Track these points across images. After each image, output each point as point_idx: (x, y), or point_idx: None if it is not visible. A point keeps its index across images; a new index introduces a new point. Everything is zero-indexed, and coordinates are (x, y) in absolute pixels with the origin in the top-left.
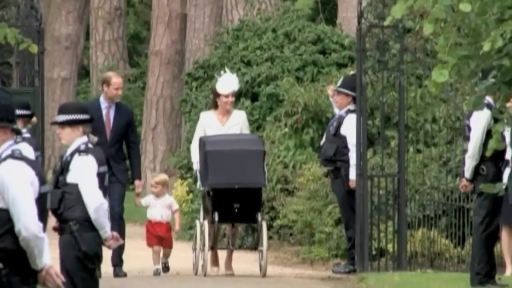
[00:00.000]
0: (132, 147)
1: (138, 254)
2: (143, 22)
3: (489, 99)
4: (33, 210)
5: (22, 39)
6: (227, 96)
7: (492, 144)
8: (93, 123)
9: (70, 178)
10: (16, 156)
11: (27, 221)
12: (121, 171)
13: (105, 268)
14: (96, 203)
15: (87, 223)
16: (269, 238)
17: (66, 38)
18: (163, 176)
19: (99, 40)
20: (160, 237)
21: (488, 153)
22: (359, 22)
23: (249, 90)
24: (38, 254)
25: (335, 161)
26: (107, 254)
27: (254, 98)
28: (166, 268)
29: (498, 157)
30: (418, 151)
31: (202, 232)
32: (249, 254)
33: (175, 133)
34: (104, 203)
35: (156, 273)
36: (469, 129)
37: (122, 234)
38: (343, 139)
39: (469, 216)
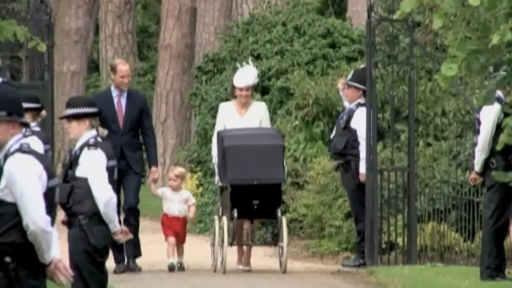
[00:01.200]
0: (147, 133)
1: (149, 248)
2: (152, 16)
3: (499, 93)
4: (41, 204)
5: (31, 36)
6: (241, 89)
7: (503, 138)
8: (105, 111)
9: (79, 172)
10: (24, 150)
11: (34, 215)
12: (137, 160)
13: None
14: (105, 197)
15: (96, 217)
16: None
17: (75, 32)
18: (182, 169)
19: (108, 34)
20: (175, 231)
21: (499, 147)
22: (368, 16)
23: (259, 83)
24: (46, 248)
25: (345, 155)
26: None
27: (265, 91)
28: (181, 268)
29: (508, 151)
30: (428, 144)
31: (221, 228)
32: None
33: (185, 127)
34: (114, 197)
35: (171, 268)
36: (479, 122)
37: (136, 226)
38: (353, 132)
39: (479, 210)
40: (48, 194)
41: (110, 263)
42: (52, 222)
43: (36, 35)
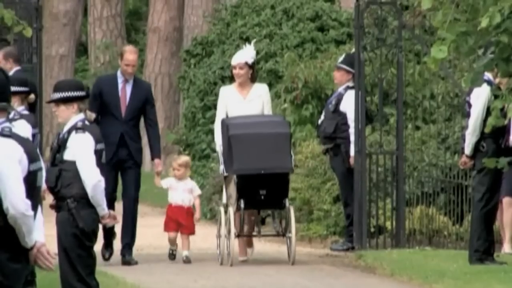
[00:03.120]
0: (150, 124)
1: (139, 231)
2: None
3: (489, 75)
4: (21, 188)
5: (18, 20)
6: (234, 67)
7: (491, 121)
8: (109, 96)
9: (67, 155)
10: (4, 133)
11: (14, 198)
12: (138, 151)
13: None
14: (93, 180)
15: (85, 200)
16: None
17: (64, 15)
18: (186, 158)
19: (97, 17)
20: (179, 222)
21: (487, 130)
22: None
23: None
24: (27, 232)
25: (335, 138)
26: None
27: None
28: (188, 260)
29: (498, 134)
30: (417, 128)
31: (227, 219)
32: None
33: (173, 110)
34: (102, 180)
35: (171, 256)
36: (469, 105)
37: (134, 219)
38: (343, 115)
39: (467, 193)
40: (29, 178)
41: (98, 246)
42: (35, 206)
43: (25, 18)
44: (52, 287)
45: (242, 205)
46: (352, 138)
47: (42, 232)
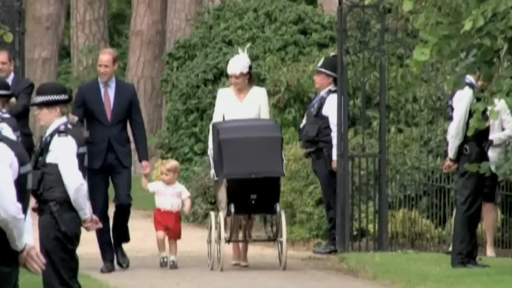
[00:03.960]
0: (136, 127)
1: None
2: (125, 2)
3: (471, 78)
4: (12, 191)
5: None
6: (231, 76)
7: (473, 123)
8: (92, 103)
9: (50, 158)
10: None
11: (5, 202)
12: (126, 155)
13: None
14: (76, 183)
15: (67, 204)
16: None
17: (47, 18)
18: (174, 163)
19: (80, 20)
20: (167, 227)
21: (470, 132)
22: (340, 2)
23: None
24: (17, 236)
25: (317, 142)
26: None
27: None
28: (174, 266)
29: (481, 137)
30: (399, 131)
31: (218, 224)
32: None
33: (156, 114)
34: (84, 184)
35: (163, 263)
36: (452, 109)
37: (126, 221)
38: (325, 119)
39: (450, 196)
40: (20, 181)
41: (82, 249)
42: (25, 209)
43: (7, 22)
44: None
45: (233, 210)
46: (334, 141)
47: (31, 234)
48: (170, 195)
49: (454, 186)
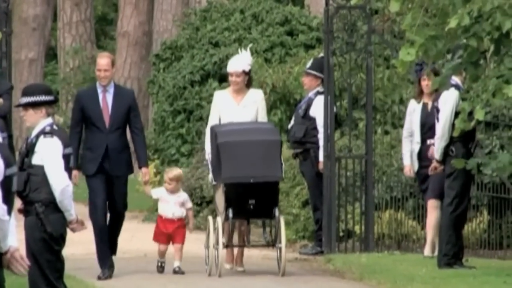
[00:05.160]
0: (136, 132)
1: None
2: (111, 4)
3: (457, 80)
4: None
5: None
6: (231, 74)
7: (458, 124)
8: (90, 109)
9: (36, 160)
10: None
11: None
12: (123, 162)
13: (74, 249)
14: (61, 185)
15: (53, 205)
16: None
17: (33, 19)
18: (177, 171)
19: (66, 22)
20: (170, 234)
21: (455, 133)
22: (326, 3)
23: (217, 71)
24: (2, 237)
25: (305, 143)
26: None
27: (222, 79)
28: (180, 272)
29: (468, 138)
30: (386, 132)
31: (216, 229)
32: None
33: (143, 115)
34: (69, 185)
35: (160, 268)
36: (438, 110)
37: (118, 230)
38: (312, 121)
39: None
40: (5, 183)
41: (68, 250)
42: (10, 211)
43: None
44: None
45: (231, 215)
46: (321, 143)
47: (15, 236)
48: (173, 204)
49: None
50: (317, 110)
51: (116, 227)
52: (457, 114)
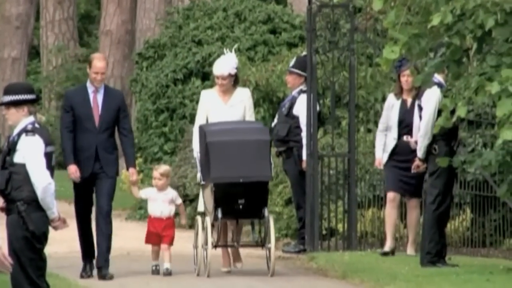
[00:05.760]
0: (124, 134)
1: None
2: (94, 2)
3: (440, 78)
4: None
5: None
6: (217, 77)
7: (440, 122)
8: (80, 109)
9: (17, 158)
10: None
11: None
12: (111, 163)
13: (57, 247)
14: (43, 183)
15: (35, 203)
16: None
17: (16, 17)
18: (166, 167)
19: (49, 20)
20: (160, 234)
21: (436, 130)
22: (309, 2)
23: (200, 69)
24: None
25: (288, 141)
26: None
27: (205, 77)
28: (168, 273)
29: (450, 136)
30: (369, 131)
31: (205, 229)
32: None
33: None
34: (51, 183)
35: (155, 271)
36: (420, 108)
37: (109, 233)
38: (296, 119)
39: None
40: None
41: (51, 248)
42: None
43: None
44: None
45: (220, 215)
46: (304, 141)
47: None
48: (162, 201)
49: (424, 185)
50: (301, 109)
51: (104, 227)
52: (440, 112)
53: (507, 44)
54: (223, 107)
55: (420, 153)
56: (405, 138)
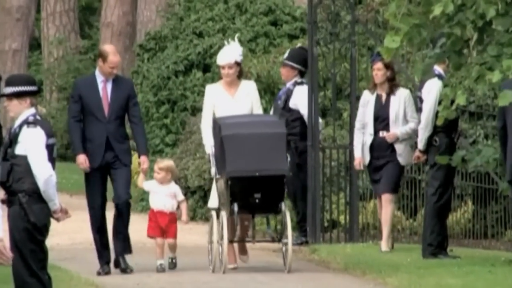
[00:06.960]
0: (135, 122)
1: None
2: None
3: (440, 69)
4: None
5: None
6: (223, 67)
7: (442, 112)
8: (90, 98)
9: (19, 150)
10: None
11: None
12: (124, 152)
13: (59, 239)
14: (45, 175)
15: (36, 195)
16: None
17: (17, 9)
18: (168, 162)
19: (50, 12)
20: (162, 228)
21: (439, 122)
22: None
23: (201, 61)
24: None
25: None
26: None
27: (206, 69)
28: (173, 264)
29: (451, 128)
30: None
31: (220, 224)
32: (200, 225)
33: None
34: (53, 175)
35: (160, 269)
36: (421, 100)
37: (127, 221)
38: (292, 112)
39: (420, 187)
40: None
41: (53, 240)
42: None
43: None
44: (4, 282)
45: (236, 209)
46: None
47: (1, 227)
48: (164, 195)
49: (425, 177)
50: (298, 101)
51: (122, 219)
52: (440, 103)
53: (508, 34)
54: (230, 100)
55: (420, 144)
56: (381, 133)
